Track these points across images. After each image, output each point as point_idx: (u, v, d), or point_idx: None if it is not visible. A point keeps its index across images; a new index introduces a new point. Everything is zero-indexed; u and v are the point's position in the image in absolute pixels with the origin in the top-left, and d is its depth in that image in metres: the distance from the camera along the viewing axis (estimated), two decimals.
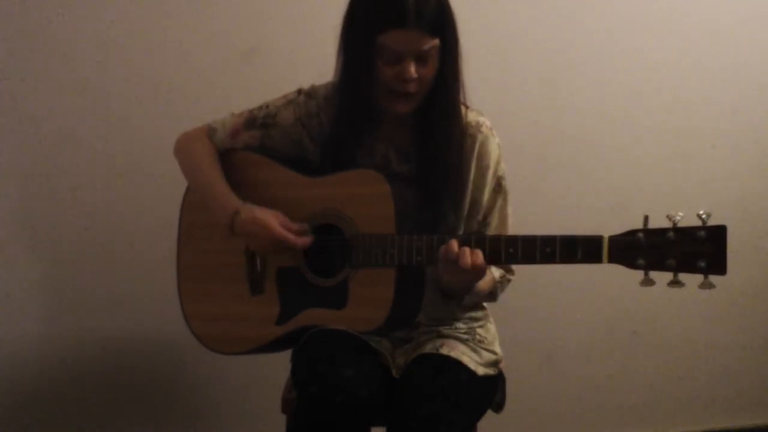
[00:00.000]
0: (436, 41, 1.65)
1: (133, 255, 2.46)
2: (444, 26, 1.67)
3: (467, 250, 1.58)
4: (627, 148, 2.68)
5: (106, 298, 2.47)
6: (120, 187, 2.45)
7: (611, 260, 1.51)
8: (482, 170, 1.77)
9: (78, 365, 2.48)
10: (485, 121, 1.79)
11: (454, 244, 1.59)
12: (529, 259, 1.57)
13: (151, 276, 2.36)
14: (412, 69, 1.64)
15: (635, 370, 2.76)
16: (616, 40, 2.65)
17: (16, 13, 2.38)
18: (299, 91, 1.85)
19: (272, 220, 1.72)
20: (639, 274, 1.50)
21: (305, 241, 1.73)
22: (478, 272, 1.60)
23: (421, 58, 1.65)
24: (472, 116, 1.79)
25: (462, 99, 1.76)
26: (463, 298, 1.74)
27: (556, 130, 2.64)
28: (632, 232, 1.50)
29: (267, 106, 1.85)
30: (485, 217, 1.80)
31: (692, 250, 1.44)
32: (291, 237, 1.72)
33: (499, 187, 1.80)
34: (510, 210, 1.83)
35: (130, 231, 2.46)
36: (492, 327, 1.88)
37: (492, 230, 1.80)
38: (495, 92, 2.52)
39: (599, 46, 2.64)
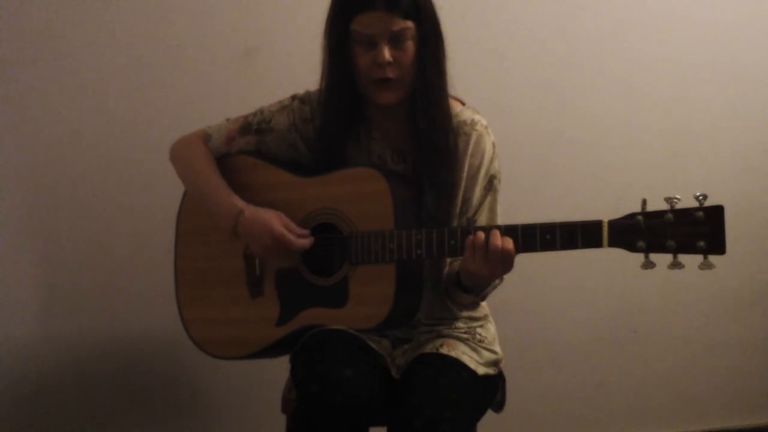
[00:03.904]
0: (410, 24, 1.67)
1: (133, 255, 2.46)
2: (418, 10, 1.68)
3: (497, 233, 1.57)
4: (627, 148, 2.68)
5: (105, 298, 2.47)
6: (120, 187, 2.45)
7: (611, 244, 1.51)
8: (474, 168, 1.77)
9: (77, 366, 2.48)
10: (480, 120, 1.79)
11: (481, 234, 1.58)
12: (530, 246, 1.57)
13: (152, 276, 2.36)
14: (386, 51, 1.66)
15: (635, 369, 2.76)
16: (616, 38, 2.65)
17: (16, 13, 2.38)
18: (293, 97, 1.85)
19: (275, 220, 1.72)
20: (639, 268, 1.50)
21: (305, 242, 1.73)
22: (507, 260, 1.58)
23: (395, 41, 1.67)
24: (467, 114, 1.79)
25: (451, 92, 1.76)
26: (480, 294, 1.73)
27: (556, 129, 2.64)
28: (631, 216, 1.50)
29: (261, 112, 1.86)
30: (474, 215, 1.79)
31: (691, 230, 1.45)
32: (292, 237, 1.71)
33: (490, 186, 1.80)
34: (499, 209, 1.82)
35: (129, 230, 2.46)
36: (492, 327, 1.88)
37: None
38: (494, 91, 2.53)
39: (599, 45, 2.64)
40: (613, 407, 2.76)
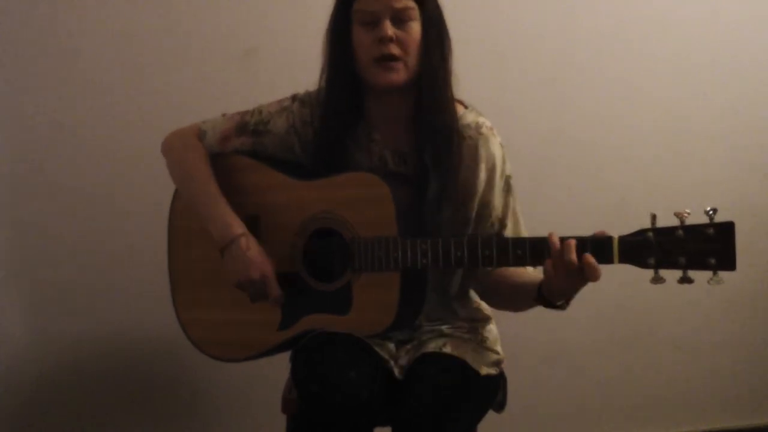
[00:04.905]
0: (413, 4, 1.66)
1: (133, 254, 2.46)
2: None
3: (571, 244, 1.50)
4: (628, 148, 2.68)
5: (105, 298, 2.47)
6: (120, 186, 2.45)
7: (622, 260, 1.50)
8: (489, 173, 1.75)
9: (77, 366, 2.48)
10: (485, 122, 1.77)
11: (555, 238, 1.52)
12: (539, 260, 1.55)
13: (152, 275, 2.34)
14: (388, 26, 1.65)
15: (635, 370, 2.76)
16: (616, 38, 2.65)
17: (16, 12, 2.38)
18: (294, 98, 1.82)
19: (269, 262, 1.72)
20: (644, 274, 1.50)
21: (280, 295, 1.72)
22: (586, 273, 1.50)
23: (397, 20, 1.66)
24: (471, 117, 1.76)
25: (455, 93, 1.74)
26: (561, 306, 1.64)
27: (557, 129, 2.64)
28: (642, 232, 1.49)
29: (260, 112, 1.83)
30: (502, 220, 1.77)
31: (702, 247, 1.44)
32: (277, 287, 1.71)
33: (508, 187, 1.78)
34: (519, 209, 1.81)
35: (129, 229, 2.46)
36: (493, 327, 1.87)
37: (509, 232, 1.78)
38: (494, 91, 2.52)
39: (600, 45, 2.64)
40: (614, 407, 2.76)
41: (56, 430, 2.49)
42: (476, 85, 1.81)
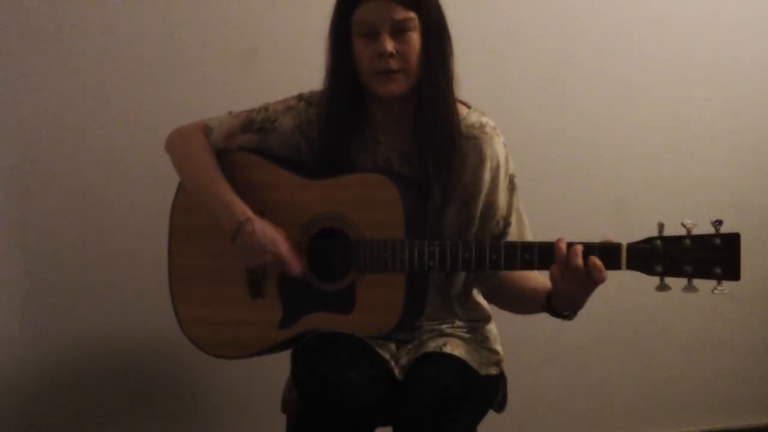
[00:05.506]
0: (412, 14, 1.64)
1: (133, 253, 2.45)
2: (420, 1, 1.66)
3: (578, 249, 1.51)
4: (628, 148, 2.68)
5: (105, 298, 2.47)
6: (120, 187, 2.45)
7: (629, 267, 1.52)
8: (494, 172, 1.74)
9: (77, 366, 2.48)
10: (488, 122, 1.76)
11: (562, 244, 1.53)
12: (547, 265, 1.55)
13: (152, 275, 2.34)
14: (387, 40, 1.63)
15: (635, 370, 2.76)
16: (616, 38, 2.65)
17: (16, 12, 2.37)
18: (300, 97, 1.82)
19: (282, 239, 1.71)
20: (645, 276, 1.51)
21: (301, 267, 1.72)
22: (594, 278, 1.51)
23: (397, 31, 1.64)
24: (474, 117, 1.76)
25: (456, 93, 1.74)
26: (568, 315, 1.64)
27: (557, 129, 2.64)
28: (649, 240, 1.51)
29: (267, 110, 1.82)
30: (506, 218, 1.77)
31: (708, 257, 1.48)
32: (295, 262, 1.70)
33: (512, 186, 1.78)
34: (522, 206, 1.81)
35: (129, 228, 2.46)
36: (493, 327, 1.88)
37: (513, 230, 1.78)
38: (494, 91, 2.52)
39: (600, 45, 2.64)
40: (613, 407, 2.76)
41: (56, 430, 2.48)
42: (476, 85, 1.81)
